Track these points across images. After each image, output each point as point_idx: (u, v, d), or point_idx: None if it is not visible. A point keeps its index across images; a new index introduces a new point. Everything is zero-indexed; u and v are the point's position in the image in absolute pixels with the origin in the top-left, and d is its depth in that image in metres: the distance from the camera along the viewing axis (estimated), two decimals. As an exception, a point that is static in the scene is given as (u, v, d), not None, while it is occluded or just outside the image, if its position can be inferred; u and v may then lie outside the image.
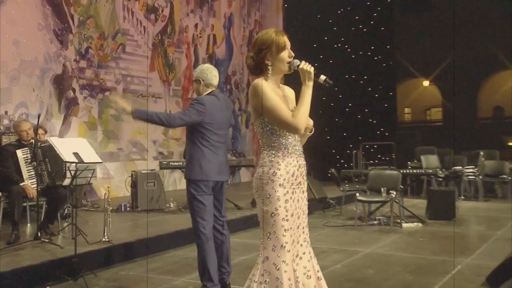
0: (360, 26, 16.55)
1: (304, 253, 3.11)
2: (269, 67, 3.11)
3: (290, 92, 3.29)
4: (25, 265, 5.18)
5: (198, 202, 4.51)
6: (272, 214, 3.01)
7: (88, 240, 6.08)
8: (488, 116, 21.52)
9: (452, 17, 18.18)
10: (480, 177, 11.60)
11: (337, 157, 15.70)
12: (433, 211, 8.94)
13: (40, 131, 7.36)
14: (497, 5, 18.07)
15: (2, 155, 6.60)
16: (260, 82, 3.06)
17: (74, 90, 10.42)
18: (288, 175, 3.04)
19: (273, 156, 3.05)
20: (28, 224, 7.46)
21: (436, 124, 23.28)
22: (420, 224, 8.40)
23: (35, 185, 6.45)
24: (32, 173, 6.53)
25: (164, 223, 7.90)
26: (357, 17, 16.63)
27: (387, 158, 15.21)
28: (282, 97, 3.12)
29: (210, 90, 4.67)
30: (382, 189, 8.04)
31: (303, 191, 3.17)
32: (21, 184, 6.40)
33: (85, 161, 5.50)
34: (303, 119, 2.99)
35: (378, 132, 16.30)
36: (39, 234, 6.10)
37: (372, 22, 16.64)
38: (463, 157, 12.35)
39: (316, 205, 9.87)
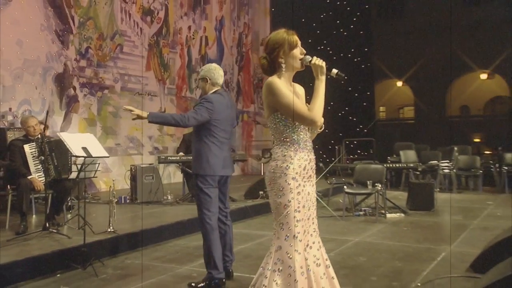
0: (341, 30, 16.64)
1: (313, 243, 3.09)
2: (283, 65, 3.09)
3: (300, 89, 3.27)
4: (35, 254, 5.11)
5: (205, 195, 4.47)
6: (285, 206, 2.99)
7: (94, 231, 6.01)
8: (455, 114, 21.78)
9: (426, 23, 18.33)
10: (454, 170, 11.69)
11: (320, 152, 15.71)
12: (413, 202, 8.97)
13: (40, 127, 7.23)
14: (463, 14, 18.34)
15: (10, 150, 6.50)
16: (275, 80, 3.04)
17: (74, 88, 10.30)
18: (300, 169, 3.02)
19: (285, 150, 3.03)
20: (34, 216, 7.36)
21: (409, 122, 23.48)
22: (402, 215, 8.43)
23: (42, 178, 6.34)
24: (39, 166, 6.41)
25: (163, 214, 7.81)
26: (338, 22, 16.70)
27: (366, 153, 15.32)
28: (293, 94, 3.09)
29: (216, 89, 4.62)
30: (368, 182, 8.04)
31: (313, 184, 3.15)
32: (29, 177, 6.28)
33: (93, 155, 5.42)
34: (320, 112, 2.98)
35: (358, 129, 16.39)
36: (47, 224, 6.01)
37: (352, 27, 16.73)
38: (438, 152, 12.44)
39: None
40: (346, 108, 16.61)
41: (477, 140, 20.49)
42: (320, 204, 9.64)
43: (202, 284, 4.50)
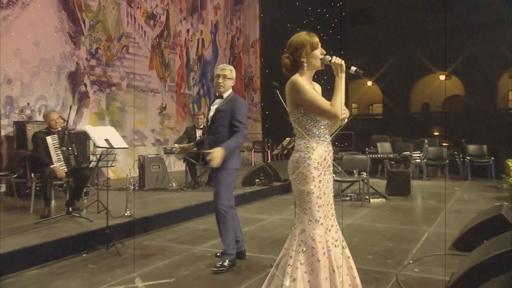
0: (321, 34, 16.50)
1: (332, 226, 3.07)
2: (304, 64, 3.06)
3: (318, 87, 3.25)
4: (63, 236, 5.04)
5: (231, 187, 4.42)
6: (308, 193, 2.95)
7: (112, 215, 5.91)
8: (418, 111, 22.02)
9: (393, 30, 18.45)
10: (425, 160, 11.79)
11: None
12: (392, 188, 9.00)
13: (60, 120, 7.10)
14: (423, 22, 18.62)
15: (34, 141, 6.39)
16: (298, 78, 3.02)
17: (85, 85, 10.14)
18: (321, 159, 2.98)
19: (308, 143, 2.99)
20: (53, 201, 7.19)
21: (377, 117, 23.65)
22: (383, 200, 8.44)
23: (63, 167, 6.24)
24: (60, 156, 6.31)
25: (171, 200, 7.71)
26: (318, 27, 16.65)
27: (343, 145, 15.36)
28: None
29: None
30: (355, 171, 8.06)
31: (331, 173, 3.11)
32: (51, 166, 6.17)
33: (114, 147, 5.34)
34: (341, 107, 2.94)
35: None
36: (69, 209, 5.93)
37: (330, 31, 16.77)
38: (410, 144, 12.54)
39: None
40: (326, 105, 16.65)
41: (436, 133, 20.71)
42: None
43: (220, 263, 4.45)
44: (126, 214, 5.98)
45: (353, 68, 3.07)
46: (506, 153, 12.10)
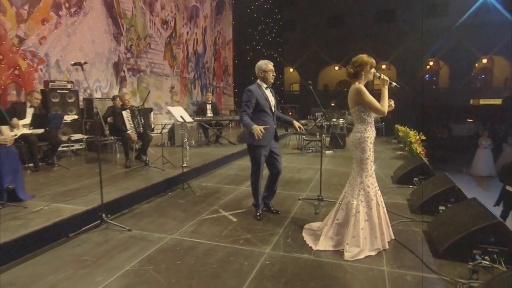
0: (268, 37, 16.59)
1: (374, 178, 3.30)
2: (363, 76, 3.17)
3: None
4: (155, 181, 4.92)
5: None
6: (366, 158, 3.18)
7: (175, 165, 5.84)
8: (321, 89, 22.70)
9: (308, 34, 18.62)
10: (345, 125, 12.24)
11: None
12: (333, 144, 9.32)
13: (131, 99, 6.66)
14: (326, 31, 19.01)
15: (113, 114, 6.11)
16: (361, 85, 3.13)
17: (124, 72, 9.51)
18: (373, 137, 3.19)
19: (365, 127, 3.17)
20: (117, 156, 6.88)
21: (295, 93, 24.08)
22: (332, 152, 8.68)
23: (135, 133, 6.02)
24: (132, 125, 6.09)
25: (199, 154, 7.39)
26: (267, 32, 16.56)
27: (290, 114, 15.64)
28: None
29: None
30: (317, 133, 8.29)
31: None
32: (127, 132, 5.94)
33: (186, 121, 5.22)
34: (386, 107, 3.10)
35: (277, 98, 16.63)
36: (147, 161, 5.78)
37: (273, 35, 16.72)
38: (335, 113, 12.93)
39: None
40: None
41: (332, 104, 21.58)
42: (281, 144, 9.84)
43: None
44: (184, 165, 5.89)
45: (393, 84, 3.21)
46: (393, 120, 12.96)
